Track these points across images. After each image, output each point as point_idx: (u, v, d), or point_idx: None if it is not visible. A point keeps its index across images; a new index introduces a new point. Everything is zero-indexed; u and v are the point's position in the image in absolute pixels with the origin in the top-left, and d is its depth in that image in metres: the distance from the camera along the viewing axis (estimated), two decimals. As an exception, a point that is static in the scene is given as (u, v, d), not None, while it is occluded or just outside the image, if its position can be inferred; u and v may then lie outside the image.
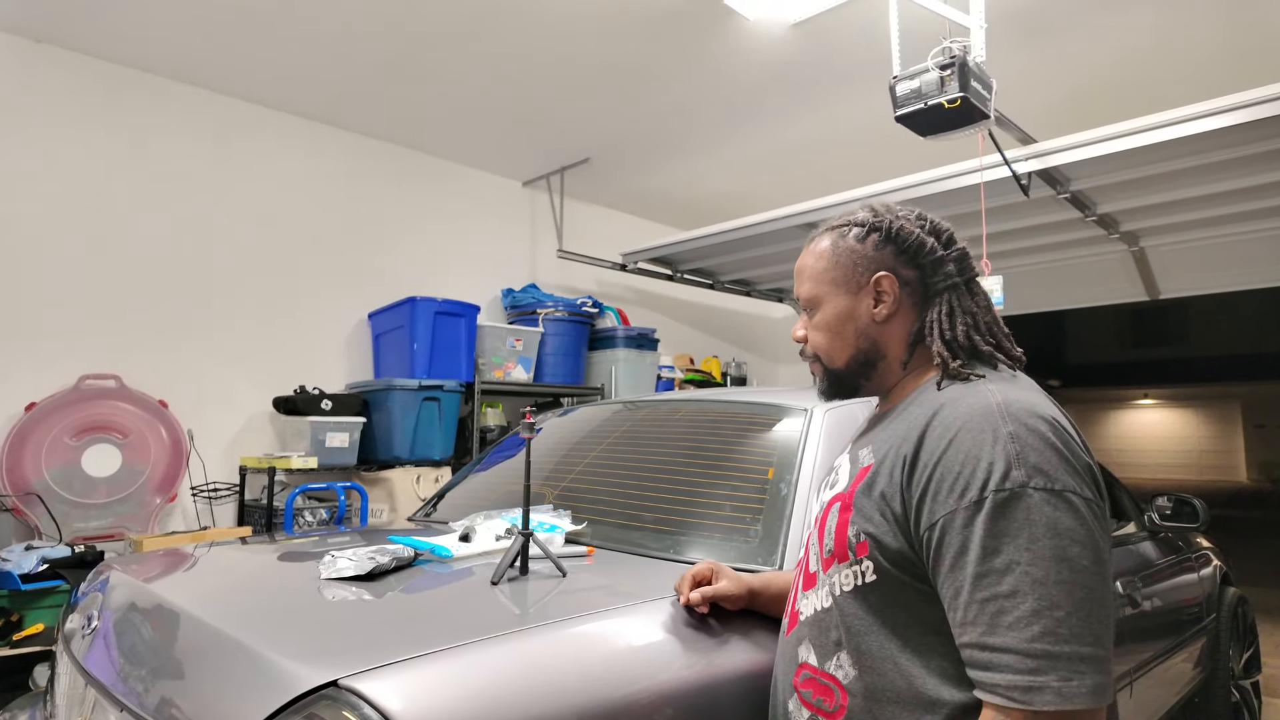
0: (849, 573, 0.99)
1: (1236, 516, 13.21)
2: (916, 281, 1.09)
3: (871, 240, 1.10)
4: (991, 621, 0.83)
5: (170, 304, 3.76)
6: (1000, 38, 3.30)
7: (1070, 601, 0.81)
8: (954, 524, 0.88)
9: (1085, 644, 0.81)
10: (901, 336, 1.09)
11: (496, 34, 3.41)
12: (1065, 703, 0.79)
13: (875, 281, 1.08)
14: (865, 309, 1.09)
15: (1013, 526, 0.84)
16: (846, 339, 1.11)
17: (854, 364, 1.11)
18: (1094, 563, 0.84)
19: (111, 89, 3.64)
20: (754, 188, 5.41)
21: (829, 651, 1.01)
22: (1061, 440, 0.90)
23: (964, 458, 0.89)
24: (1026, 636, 0.81)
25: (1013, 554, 0.84)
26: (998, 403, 0.92)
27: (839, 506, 1.04)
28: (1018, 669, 0.81)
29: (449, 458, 4.23)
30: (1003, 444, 0.88)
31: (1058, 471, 0.87)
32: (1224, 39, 3.43)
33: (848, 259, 1.10)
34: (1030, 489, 0.85)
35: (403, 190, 4.72)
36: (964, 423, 0.92)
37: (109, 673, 1.32)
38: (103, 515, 3.39)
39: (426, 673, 0.98)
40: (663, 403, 2.33)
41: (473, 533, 1.67)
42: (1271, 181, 3.54)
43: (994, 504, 0.86)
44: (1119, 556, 2.37)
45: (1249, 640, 3.29)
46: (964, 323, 1.06)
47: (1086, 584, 0.83)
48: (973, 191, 3.54)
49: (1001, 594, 0.83)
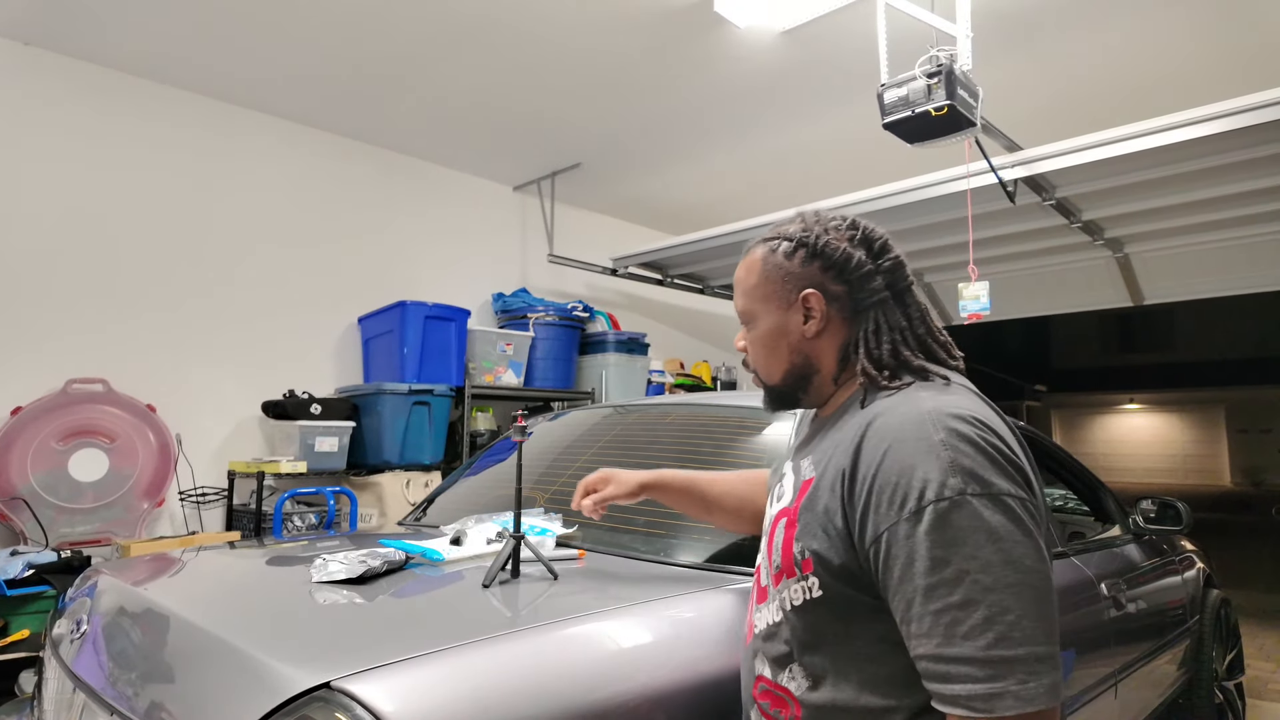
0: (797, 588, 1.00)
1: (1220, 520, 13.34)
2: (845, 296, 1.08)
3: (799, 256, 1.09)
4: (946, 633, 0.84)
5: (159, 308, 3.74)
6: (986, 46, 3.34)
7: (1020, 604, 0.83)
8: (897, 536, 0.89)
9: (1039, 644, 0.82)
10: (833, 351, 1.09)
11: (487, 39, 3.42)
12: (1026, 705, 0.80)
13: (803, 299, 1.08)
14: (796, 325, 1.09)
15: (956, 535, 0.85)
16: (780, 354, 1.11)
17: (789, 378, 1.12)
18: (1037, 561, 0.86)
19: (100, 92, 3.63)
20: (744, 193, 5.44)
21: (781, 664, 1.03)
22: (991, 443, 0.91)
23: (900, 469, 0.90)
24: (982, 645, 0.82)
25: (960, 563, 0.84)
26: (927, 410, 0.93)
27: (785, 522, 1.04)
28: (976, 678, 0.82)
29: (439, 462, 4.23)
30: (936, 452, 0.89)
31: (991, 475, 0.88)
32: (1207, 48, 3.48)
33: (776, 275, 1.10)
34: (968, 496, 0.86)
35: (393, 194, 4.72)
36: (897, 433, 0.92)
37: (98, 677, 1.32)
38: (89, 520, 3.37)
39: (419, 674, 0.99)
40: (653, 407, 2.34)
41: (464, 536, 1.68)
42: (1254, 189, 3.59)
43: (934, 514, 0.86)
44: (1104, 559, 2.40)
45: (1232, 642, 3.33)
46: (890, 339, 1.06)
47: (1033, 584, 0.84)
48: (960, 198, 3.58)
49: (953, 604, 0.84)
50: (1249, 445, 20.84)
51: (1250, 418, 20.76)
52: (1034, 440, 2.75)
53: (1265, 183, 3.51)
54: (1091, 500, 3.02)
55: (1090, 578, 2.21)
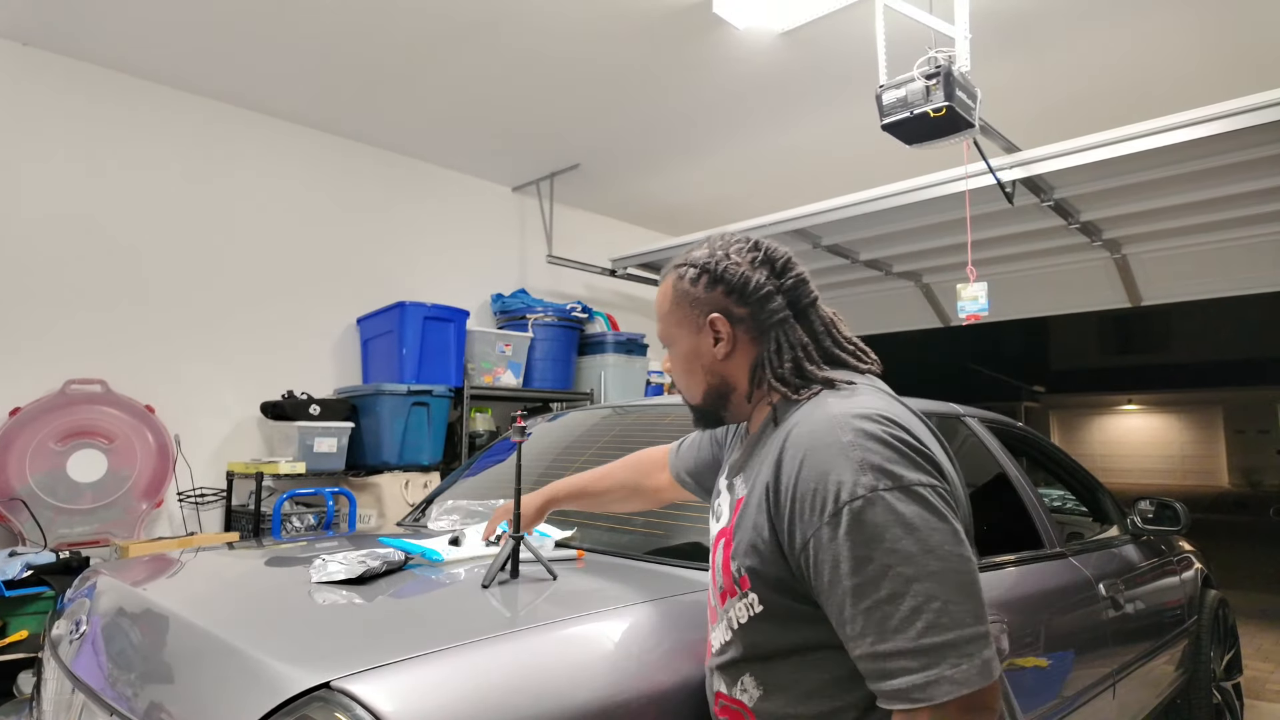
0: (740, 605, 1.03)
1: (1218, 520, 13.36)
2: (749, 318, 1.11)
3: (703, 282, 1.13)
4: (879, 629, 0.86)
5: (157, 308, 3.74)
6: (985, 48, 3.35)
7: (944, 590, 0.85)
8: (821, 541, 0.91)
9: (967, 626, 0.85)
10: (745, 370, 1.13)
11: (486, 40, 3.43)
12: (962, 688, 0.83)
13: (710, 322, 1.12)
14: (707, 347, 1.13)
15: (874, 532, 0.88)
16: (697, 376, 1.16)
17: (708, 398, 1.16)
18: (955, 545, 0.88)
19: (99, 93, 3.63)
20: (743, 194, 5.45)
21: (734, 679, 1.06)
22: (897, 436, 0.94)
23: (816, 475, 0.93)
24: (912, 635, 0.84)
25: (881, 559, 0.87)
26: (834, 415, 0.97)
27: (723, 542, 1.08)
28: (912, 669, 0.84)
29: (438, 463, 4.23)
30: (846, 454, 0.92)
31: (899, 468, 0.91)
32: (1205, 49, 3.49)
33: (685, 301, 1.14)
34: (880, 492, 0.89)
35: (392, 195, 4.72)
36: (809, 441, 0.96)
37: (98, 677, 1.32)
38: (88, 521, 3.37)
39: (418, 674, 0.99)
40: (652, 407, 2.34)
41: (463, 537, 1.68)
42: (1252, 190, 3.60)
43: (851, 514, 0.89)
44: (1102, 560, 2.40)
45: (1230, 642, 3.34)
46: (792, 356, 1.09)
47: (955, 567, 0.87)
48: (958, 199, 3.58)
49: (881, 600, 0.86)
50: (1246, 446, 20.87)
51: (1248, 419, 20.79)
52: (1031, 442, 2.76)
53: (1263, 184, 3.53)
54: (1089, 501, 3.03)
55: (1088, 578, 2.22)
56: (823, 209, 4.10)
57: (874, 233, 4.54)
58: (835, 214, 4.07)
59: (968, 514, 1.01)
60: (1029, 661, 1.84)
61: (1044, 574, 2.07)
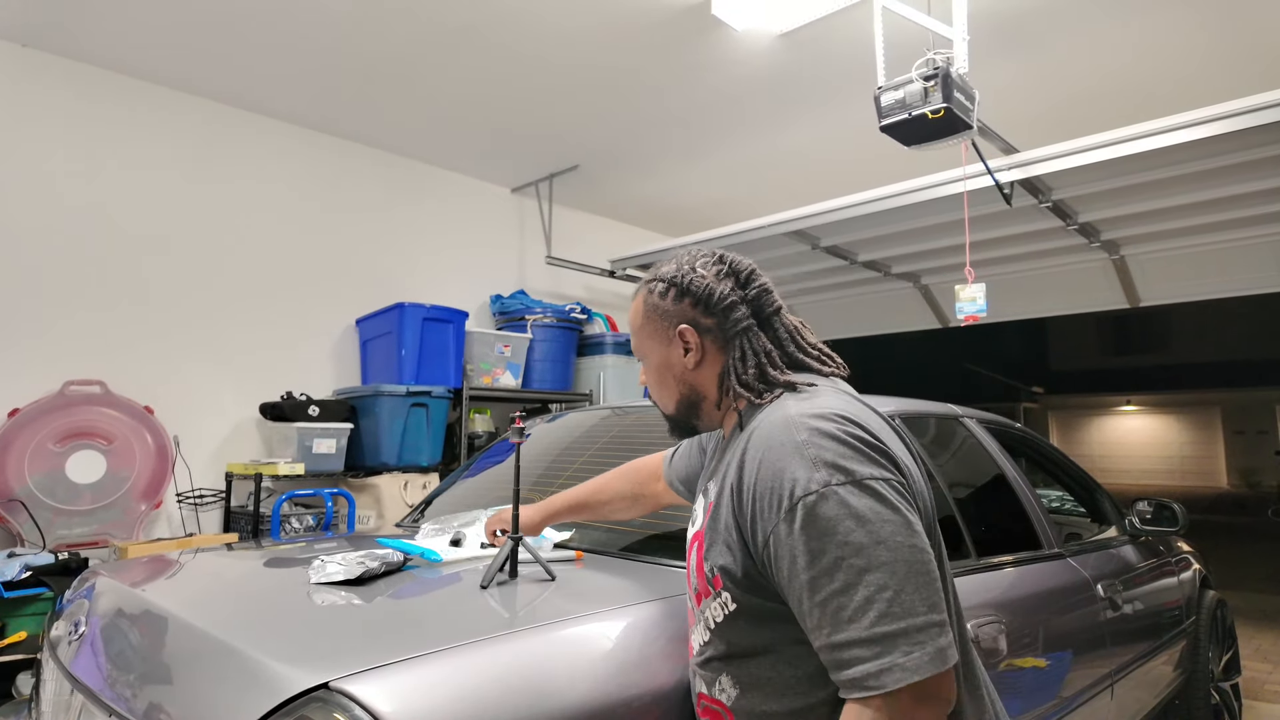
0: (715, 605, 1.06)
1: (1217, 521, 13.36)
2: (715, 328, 1.16)
3: (671, 295, 1.18)
4: (834, 620, 0.89)
5: (157, 309, 3.74)
6: (983, 49, 3.35)
7: (895, 579, 0.88)
8: (779, 536, 0.94)
9: (919, 615, 0.87)
10: (713, 379, 1.17)
11: (486, 41, 3.43)
12: (913, 675, 0.85)
13: (679, 334, 1.16)
14: (677, 358, 1.17)
15: (827, 526, 0.90)
16: (669, 386, 1.20)
17: (681, 407, 1.20)
18: (908, 535, 0.91)
19: (98, 94, 3.63)
20: (741, 195, 5.45)
21: (713, 678, 1.08)
22: (851, 433, 0.97)
23: (774, 473, 0.96)
24: (865, 625, 0.87)
25: (835, 551, 0.89)
26: (789, 416, 1.00)
27: (697, 545, 1.11)
28: (865, 658, 0.86)
29: (437, 464, 4.23)
30: (800, 451, 0.95)
31: (852, 463, 0.94)
32: (1204, 51, 3.50)
33: (655, 314, 1.19)
34: (833, 487, 0.92)
35: (391, 196, 4.72)
36: (768, 441, 0.99)
37: (97, 678, 1.32)
38: (87, 522, 3.36)
39: (417, 675, 0.99)
40: (651, 408, 2.34)
41: (462, 538, 1.68)
42: (1250, 191, 3.61)
43: (805, 510, 0.92)
44: (1100, 560, 2.40)
45: (1228, 643, 3.34)
46: (755, 363, 1.12)
47: (906, 558, 0.89)
48: (956, 200, 3.59)
49: (835, 591, 0.89)
50: (1245, 447, 20.88)
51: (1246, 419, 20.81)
52: (1030, 443, 2.76)
53: (1261, 185, 3.53)
54: (1088, 502, 3.03)
55: (1086, 579, 2.22)
56: (821, 210, 4.10)
57: (872, 234, 4.55)
58: (834, 215, 4.08)
59: (929, 507, 1.04)
60: (1027, 662, 1.84)
61: (1042, 575, 2.07)
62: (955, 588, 1.09)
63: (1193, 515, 2.85)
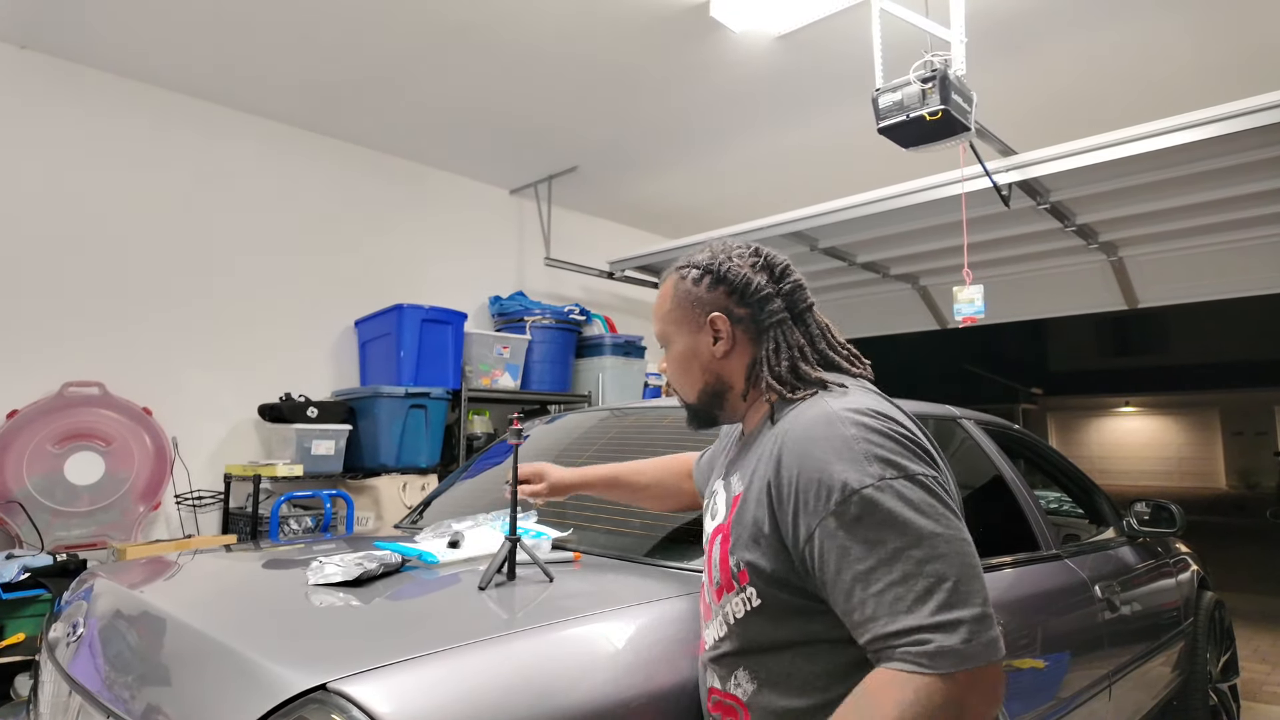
0: (737, 600, 1.05)
1: (1215, 522, 13.37)
2: (749, 318, 1.15)
3: (705, 282, 1.17)
4: (891, 610, 0.88)
5: (155, 310, 3.74)
6: (981, 51, 3.35)
7: (954, 571, 0.88)
8: (827, 529, 0.94)
9: (975, 605, 0.87)
10: (741, 370, 1.16)
11: (484, 43, 3.43)
12: (969, 662, 0.85)
13: (711, 321, 1.15)
14: (705, 346, 1.16)
15: (884, 518, 0.91)
16: (694, 374, 1.19)
17: (704, 396, 1.19)
18: (960, 531, 0.92)
19: (96, 95, 3.63)
20: (740, 196, 5.45)
21: (728, 673, 1.08)
22: (897, 431, 0.98)
23: (819, 468, 0.96)
24: (925, 614, 0.86)
25: (894, 542, 0.90)
26: (831, 411, 1.00)
27: (720, 539, 1.10)
28: (925, 643, 0.86)
29: (435, 465, 4.23)
30: (849, 446, 0.95)
31: (903, 459, 0.95)
32: (1202, 53, 3.50)
33: (686, 300, 1.18)
34: (888, 481, 0.92)
35: (390, 197, 4.72)
36: (810, 435, 0.99)
37: (94, 680, 1.32)
38: (85, 524, 3.36)
39: (415, 676, 0.99)
40: (650, 410, 2.35)
41: (461, 539, 1.68)
42: (1248, 193, 3.61)
43: (861, 502, 0.92)
44: (1098, 562, 2.41)
45: (1226, 644, 3.34)
46: (789, 357, 1.12)
47: (960, 551, 0.90)
48: (954, 202, 3.59)
49: (894, 581, 0.89)
50: (1243, 448, 20.89)
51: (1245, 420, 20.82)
52: (1028, 444, 2.77)
53: (1259, 187, 3.54)
54: (1086, 503, 3.04)
55: (1084, 580, 2.22)
56: (820, 211, 4.11)
57: (871, 235, 4.55)
58: (832, 216, 4.08)
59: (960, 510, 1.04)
60: (1025, 663, 1.85)
61: (1040, 576, 2.07)
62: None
63: (1191, 516, 2.85)
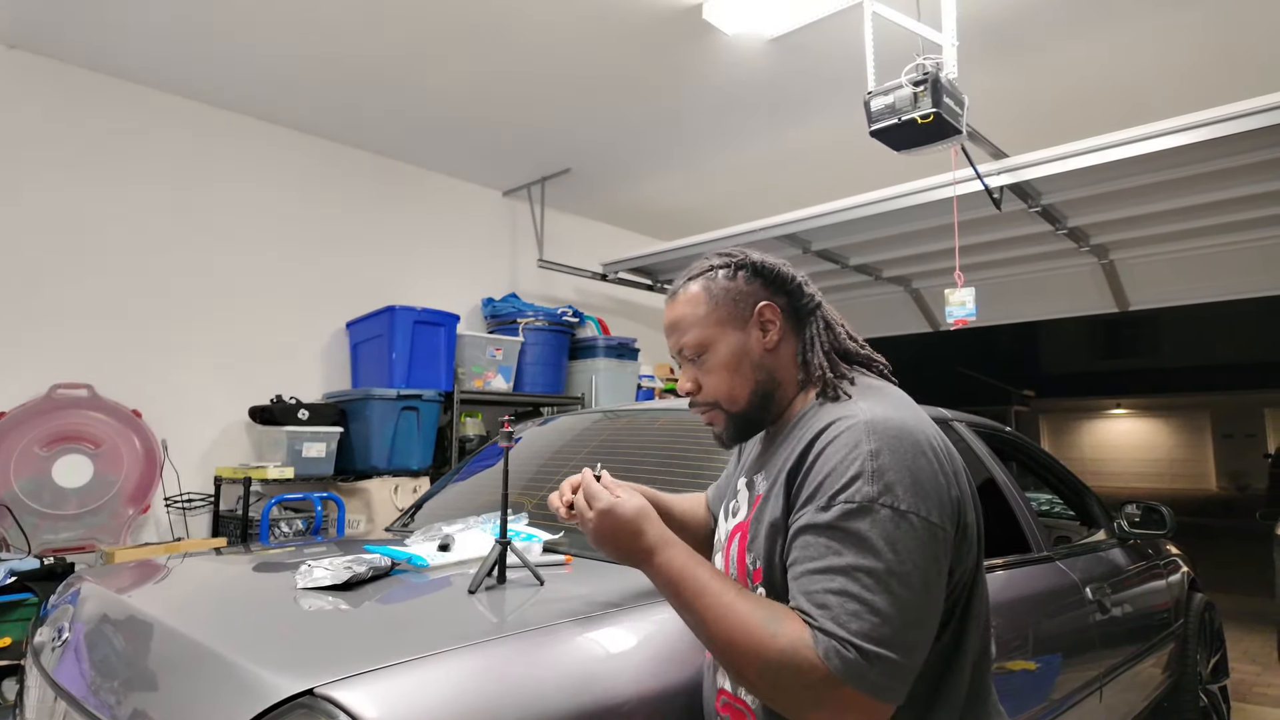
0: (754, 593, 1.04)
1: (1205, 524, 13.44)
2: (789, 307, 1.14)
3: (742, 276, 1.14)
4: (817, 604, 0.89)
5: (145, 312, 3.72)
6: (972, 55, 3.37)
7: (891, 609, 0.87)
8: (804, 519, 0.95)
9: (894, 650, 0.86)
10: (790, 359, 1.14)
11: (477, 45, 3.43)
12: (863, 687, 0.85)
13: (759, 312, 1.12)
14: (756, 340, 1.12)
15: (855, 536, 0.90)
16: (745, 374, 1.12)
17: (755, 398, 1.13)
18: (921, 582, 0.90)
19: (86, 95, 3.61)
20: (735, 199, 5.46)
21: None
22: (919, 463, 0.95)
23: (829, 469, 0.95)
24: (850, 630, 0.86)
25: (851, 559, 0.89)
26: (867, 420, 0.97)
27: (739, 536, 1.09)
28: (844, 644, 0.86)
29: (427, 468, 4.21)
30: (862, 460, 0.93)
31: (907, 493, 0.92)
32: (1192, 55, 3.52)
33: (727, 297, 1.13)
34: (879, 505, 0.91)
35: (382, 199, 4.71)
36: (835, 438, 0.98)
37: (80, 685, 1.30)
38: (73, 527, 3.34)
39: (403, 681, 0.99)
40: (642, 412, 2.34)
41: (452, 542, 1.67)
42: (1239, 196, 3.64)
43: (842, 512, 0.91)
44: (1089, 564, 2.41)
45: (1216, 645, 3.36)
46: (828, 343, 1.13)
47: (909, 600, 0.88)
48: (946, 205, 3.60)
49: (832, 589, 0.89)
50: (1234, 450, 21.02)
51: (1235, 422, 20.95)
52: (1020, 446, 2.77)
53: (1249, 190, 3.56)
54: (1077, 505, 3.05)
55: (1075, 582, 2.23)
56: (813, 214, 4.12)
57: (863, 238, 4.56)
58: (825, 219, 4.09)
59: (976, 528, 1.02)
60: (1017, 665, 1.85)
61: (1031, 578, 2.08)
62: (988, 596, 1.08)
63: (1181, 518, 2.86)
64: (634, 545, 1.02)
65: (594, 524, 1.05)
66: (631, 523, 1.02)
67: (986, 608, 1.06)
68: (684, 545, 1.03)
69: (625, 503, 1.04)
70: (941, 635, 0.97)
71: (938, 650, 0.97)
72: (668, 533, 1.03)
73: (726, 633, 0.92)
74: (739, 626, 0.92)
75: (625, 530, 1.03)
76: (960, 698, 1.00)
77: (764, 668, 0.89)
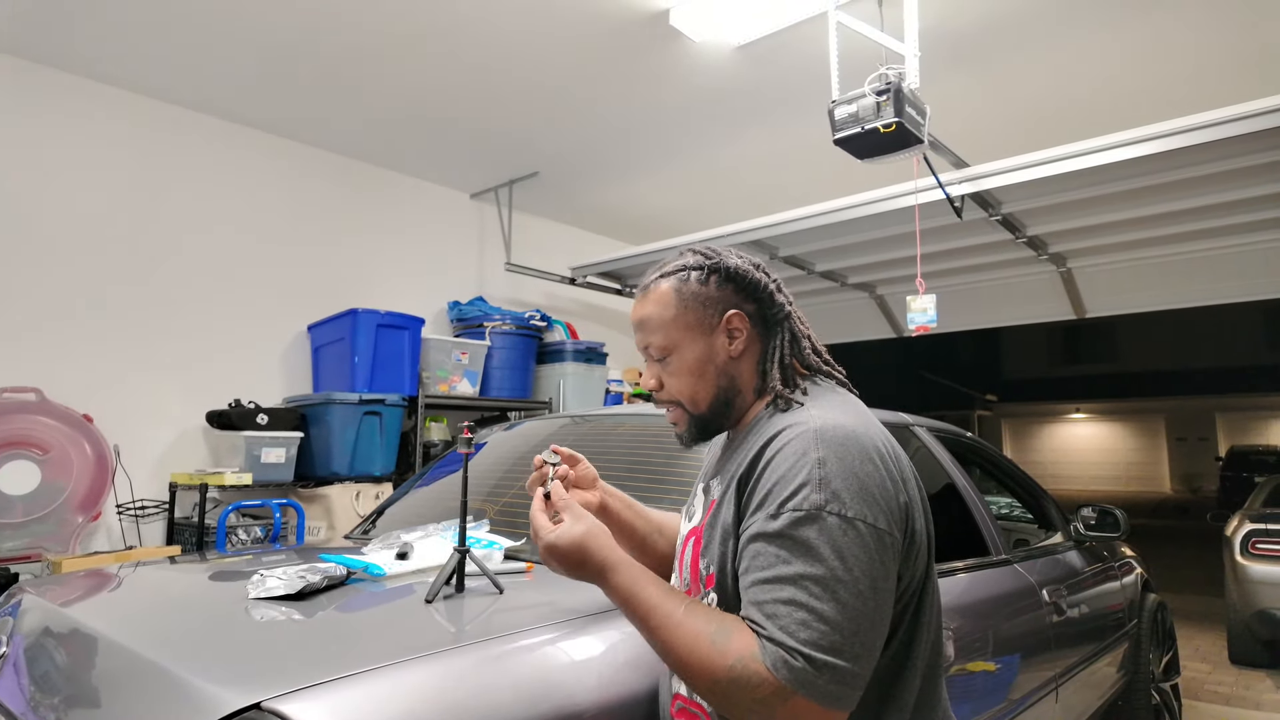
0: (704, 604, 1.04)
1: (1160, 525, 13.80)
2: (757, 315, 1.14)
3: (713, 281, 1.13)
4: (768, 614, 0.89)
5: (97, 313, 3.61)
6: (934, 65, 3.42)
7: (840, 617, 0.88)
8: (752, 528, 0.95)
9: (844, 658, 0.87)
10: (752, 368, 1.14)
11: (442, 46, 3.39)
12: (812, 694, 0.85)
13: (727, 320, 1.11)
14: (721, 346, 1.12)
15: (803, 544, 0.91)
16: (708, 379, 1.12)
17: (716, 403, 1.13)
18: (870, 589, 0.90)
19: (36, 91, 3.50)
20: (702, 205, 5.48)
21: None
22: (866, 469, 0.95)
23: (778, 476, 0.96)
24: (799, 640, 0.87)
25: (799, 567, 0.90)
26: (816, 428, 0.98)
27: (693, 541, 1.10)
28: (784, 644, 0.87)
29: (390, 473, 4.15)
30: (810, 468, 0.94)
31: (854, 499, 0.92)
32: (1149, 68, 3.62)
33: (696, 301, 1.12)
34: (826, 512, 0.91)
35: (346, 200, 4.64)
36: (783, 445, 0.98)
37: (19, 701, 1.26)
38: (18, 535, 3.22)
39: (354, 693, 0.97)
40: (610, 416, 2.33)
41: (410, 550, 1.64)
42: (1191, 207, 3.74)
43: (790, 520, 0.92)
44: (1046, 566, 2.46)
45: (1168, 644, 3.44)
46: (793, 353, 1.14)
47: (857, 607, 0.89)
48: (908, 213, 3.65)
49: (781, 599, 0.89)
50: (1187, 453, 21.67)
51: (1188, 427, 21.60)
52: (979, 451, 2.82)
53: (1200, 201, 3.67)
54: (1035, 508, 3.10)
55: (1032, 584, 2.27)
56: (779, 221, 4.15)
57: (829, 245, 4.61)
58: (791, 226, 4.13)
59: (925, 534, 1.03)
60: (975, 666, 1.87)
61: (990, 581, 2.11)
62: (939, 602, 1.08)
63: (1136, 520, 2.94)
64: (581, 573, 1.02)
65: (542, 555, 1.04)
66: (573, 553, 1.01)
67: (938, 614, 1.06)
68: (632, 564, 1.02)
69: (565, 533, 1.02)
70: (891, 641, 0.98)
71: (888, 656, 0.97)
72: (614, 553, 1.02)
73: (675, 652, 0.93)
74: (686, 646, 0.92)
75: (569, 560, 1.02)
76: (910, 704, 1.00)
77: (714, 685, 0.90)
